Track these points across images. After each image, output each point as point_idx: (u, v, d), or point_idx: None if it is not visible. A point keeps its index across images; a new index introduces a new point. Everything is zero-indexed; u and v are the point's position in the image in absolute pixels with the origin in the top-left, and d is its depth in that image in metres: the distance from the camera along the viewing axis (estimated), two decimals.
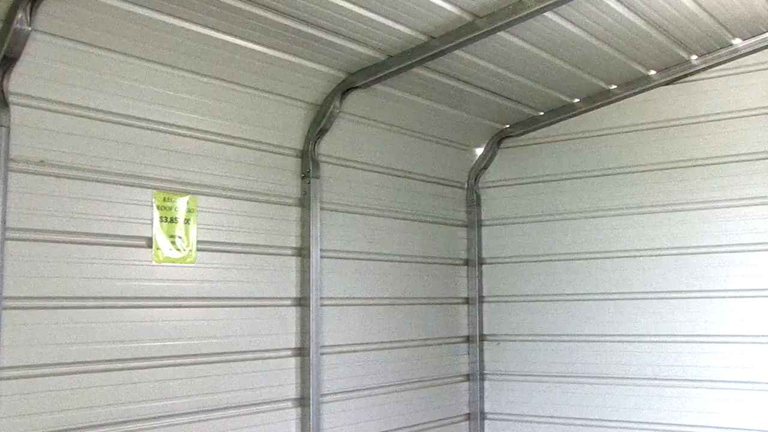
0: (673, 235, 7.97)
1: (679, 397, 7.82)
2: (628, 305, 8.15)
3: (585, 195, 8.46)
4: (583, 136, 8.54)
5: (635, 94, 8.23)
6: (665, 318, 7.96)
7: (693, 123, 7.93)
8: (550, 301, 8.59)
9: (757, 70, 7.67)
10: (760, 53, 7.64)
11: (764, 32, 7.54)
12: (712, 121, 7.84)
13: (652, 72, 8.03)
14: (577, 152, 8.55)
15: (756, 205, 7.58)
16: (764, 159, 7.56)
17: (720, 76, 7.84)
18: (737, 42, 7.65)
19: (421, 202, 8.36)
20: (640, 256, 8.12)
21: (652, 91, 8.16)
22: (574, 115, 8.56)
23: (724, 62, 7.80)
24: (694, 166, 7.89)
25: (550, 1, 6.08)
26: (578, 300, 8.43)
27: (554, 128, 8.70)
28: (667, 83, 8.08)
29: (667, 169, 8.03)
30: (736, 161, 7.69)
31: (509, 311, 8.84)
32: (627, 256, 8.18)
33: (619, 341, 8.18)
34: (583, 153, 8.52)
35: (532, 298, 8.71)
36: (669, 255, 7.96)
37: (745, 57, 7.71)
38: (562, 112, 8.58)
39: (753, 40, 7.61)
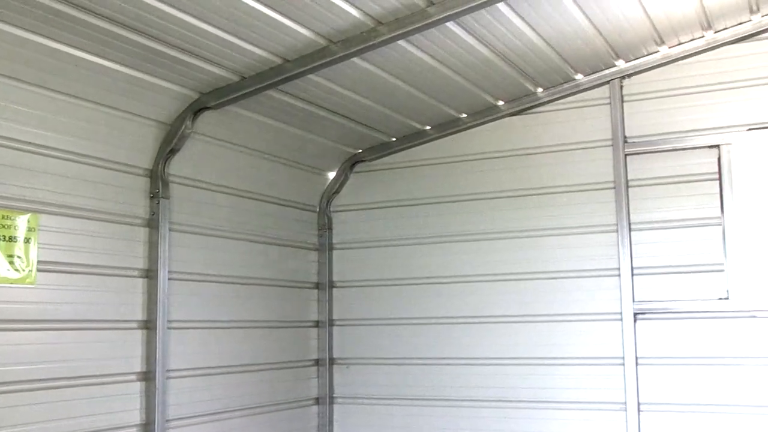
0: (514, 262, 8.24)
1: (525, 418, 8.06)
2: (474, 329, 8.36)
3: (434, 221, 8.64)
4: (433, 162, 8.73)
5: (484, 123, 8.50)
6: (509, 341, 8.21)
7: (537, 153, 8.26)
8: (399, 324, 8.70)
9: (597, 105, 8.07)
10: (599, 89, 8.05)
11: (603, 69, 7.95)
12: (555, 151, 8.19)
13: (501, 102, 8.31)
14: (427, 178, 8.73)
15: (594, 233, 7.95)
16: (603, 189, 7.95)
17: (563, 109, 8.21)
18: (579, 77, 8.04)
19: (272, 225, 8.31)
20: (485, 281, 8.35)
21: (500, 120, 8.44)
22: (426, 142, 8.75)
23: (567, 96, 8.17)
24: (537, 194, 8.21)
25: (403, 30, 6.20)
26: (426, 324, 8.58)
27: (406, 154, 8.85)
28: (515, 114, 8.39)
29: (512, 196, 8.31)
30: (578, 191, 8.05)
31: (359, 335, 8.89)
32: (473, 281, 8.40)
33: (465, 364, 8.37)
34: (433, 179, 8.70)
35: (381, 321, 8.79)
36: (512, 280, 8.23)
37: (587, 92, 8.10)
38: (413, 138, 8.75)
39: (593, 76, 8.02)
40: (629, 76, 7.96)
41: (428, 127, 8.66)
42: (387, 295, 8.80)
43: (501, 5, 6.30)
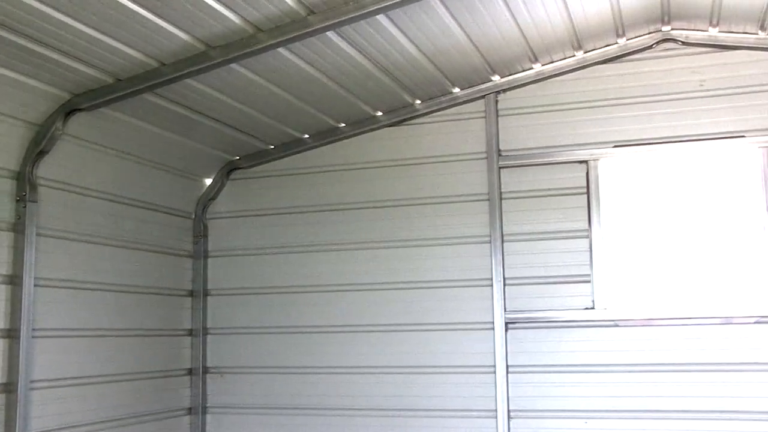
0: (389, 271, 8.32)
1: (399, 426, 8.13)
2: (349, 338, 8.39)
3: (311, 229, 8.64)
4: (311, 171, 8.73)
5: (363, 133, 8.56)
6: (384, 350, 8.28)
7: (414, 164, 8.38)
8: (275, 333, 8.65)
9: (473, 118, 8.25)
10: (476, 102, 8.24)
11: (480, 84, 8.14)
12: (431, 163, 8.33)
13: (379, 113, 8.39)
14: (305, 187, 8.72)
15: (468, 244, 8.12)
16: (478, 201, 8.12)
17: (440, 121, 8.36)
18: (456, 91, 8.20)
19: (146, 231, 8.12)
20: (361, 290, 8.40)
21: (378, 131, 8.52)
22: (304, 150, 8.74)
23: (444, 108, 8.33)
24: (413, 205, 8.33)
25: (283, 38, 6.19)
26: (302, 333, 8.56)
27: (284, 162, 8.82)
28: (393, 124, 8.48)
29: (389, 207, 8.40)
30: (453, 202, 8.21)
31: (234, 343, 8.78)
32: (348, 290, 8.44)
33: (341, 373, 8.38)
34: (310, 188, 8.70)
35: (257, 330, 8.71)
36: (387, 290, 8.31)
37: (463, 105, 8.28)
38: (292, 146, 8.73)
39: (470, 90, 8.20)
40: (504, 91, 8.18)
41: (307, 136, 8.65)
42: (262, 303, 8.73)
43: (381, 17, 6.37)
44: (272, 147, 8.78)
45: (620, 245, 7.84)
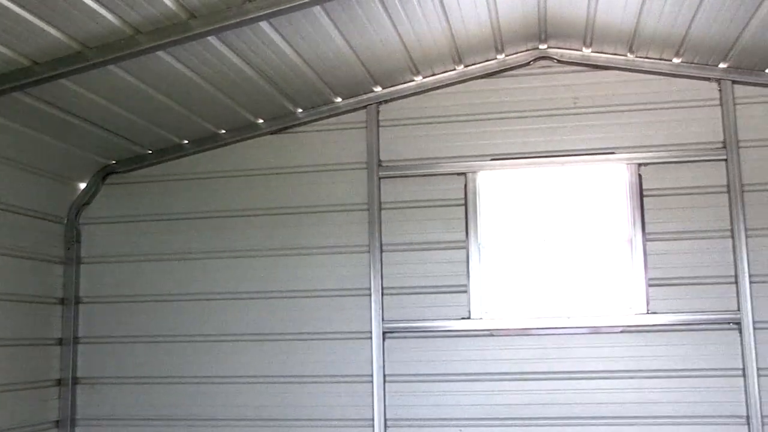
0: (268, 280, 8.26)
1: None
2: (226, 347, 8.27)
3: (188, 237, 8.47)
4: (189, 177, 8.57)
5: (243, 140, 8.47)
6: (262, 359, 8.19)
7: (295, 172, 8.35)
8: (149, 342, 8.43)
9: (354, 128, 8.30)
10: (357, 113, 8.29)
11: (362, 94, 8.19)
12: (311, 171, 8.32)
13: (261, 120, 8.33)
14: (182, 193, 8.56)
15: (347, 253, 8.14)
16: (357, 210, 8.16)
17: (322, 130, 8.36)
18: (338, 100, 8.22)
19: (14, 236, 7.79)
20: (239, 299, 8.31)
21: (259, 138, 8.46)
22: (183, 156, 8.58)
23: (326, 117, 8.34)
24: (293, 213, 8.30)
25: (163, 41, 6.08)
26: (177, 342, 8.38)
27: (162, 167, 8.64)
28: (274, 132, 8.44)
29: (269, 215, 8.34)
30: (333, 211, 8.21)
31: (106, 353, 8.52)
32: (226, 299, 8.33)
33: (217, 383, 8.25)
34: (188, 195, 8.54)
35: (130, 339, 8.48)
36: (265, 299, 8.24)
37: (345, 115, 8.31)
38: (170, 152, 8.56)
39: (352, 100, 8.25)
40: (386, 102, 8.26)
41: (186, 142, 8.51)
42: (137, 311, 8.51)
43: (264, 24, 6.34)
44: (150, 152, 8.59)
45: (497, 256, 8.01)
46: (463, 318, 7.90)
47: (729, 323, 7.54)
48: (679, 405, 7.54)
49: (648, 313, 7.65)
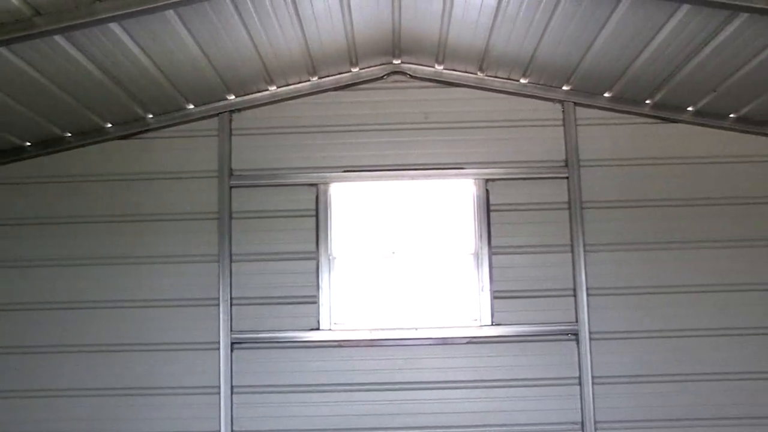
0: (110, 289, 8.01)
1: None
2: (64, 358, 7.93)
3: (29, 242, 8.09)
4: (33, 181, 8.19)
5: (90, 144, 8.20)
6: (103, 371, 7.92)
7: (143, 179, 8.15)
8: None
9: (206, 136, 8.18)
10: (209, 120, 8.19)
11: (215, 102, 8.09)
12: (161, 178, 8.14)
13: (109, 124, 8.08)
14: (20, 197, 8.16)
15: (196, 262, 8.00)
16: (207, 219, 8.03)
17: (173, 137, 8.20)
18: (191, 107, 8.09)
19: None
20: (77, 308, 8.00)
21: (107, 143, 8.20)
22: (24, 159, 8.20)
23: (177, 124, 8.19)
24: (139, 221, 8.09)
25: (4, 37, 5.82)
26: (14, 353, 7.97)
27: (3, 170, 8.22)
28: (123, 137, 8.20)
29: (113, 222, 8.10)
30: (181, 219, 8.06)
31: None
32: (64, 308, 8.00)
33: (57, 396, 7.89)
34: (27, 199, 8.15)
35: None
36: (106, 308, 7.99)
37: (197, 122, 8.18)
38: (12, 154, 8.17)
39: (204, 107, 8.14)
40: (239, 110, 8.19)
41: (29, 144, 8.14)
42: None
43: (114, 26, 6.14)
44: None
45: (347, 268, 8.07)
46: (312, 329, 7.91)
47: (567, 334, 7.87)
48: (520, 413, 7.81)
49: (493, 324, 7.89)
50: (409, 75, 8.21)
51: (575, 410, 7.78)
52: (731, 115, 8.00)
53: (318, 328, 7.90)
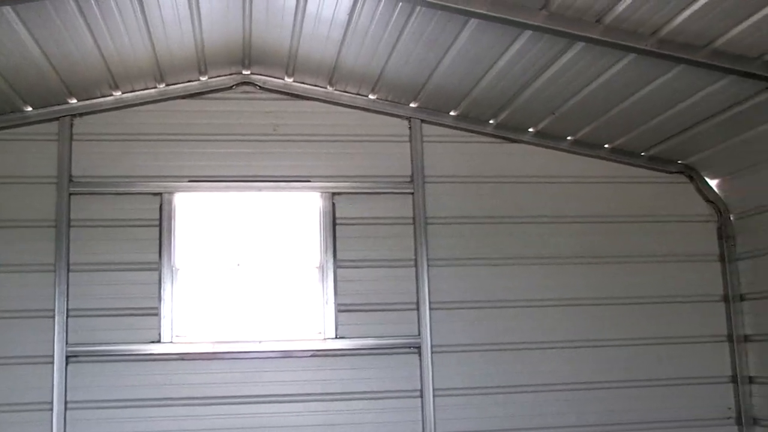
0: None
1: None
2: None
3: None
4: None
5: None
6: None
7: None
8: None
9: (44, 140, 7.86)
10: (49, 124, 7.87)
11: (55, 105, 7.79)
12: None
13: None
14: None
15: (30, 272, 7.65)
16: (44, 227, 7.70)
17: (8, 140, 7.84)
18: (29, 109, 7.75)
19: None
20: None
21: None
22: None
23: (14, 127, 7.83)
24: None
25: None
26: None
27: None
28: None
29: None
30: (16, 227, 7.70)
31: None
32: None
33: None
34: None
35: None
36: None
37: (35, 125, 7.85)
38: None
39: (44, 110, 7.82)
40: (81, 115, 7.93)
41: None
42: None
43: None
44: None
45: (190, 279, 7.93)
46: (152, 342, 7.71)
47: (410, 347, 8.01)
48: (361, 426, 7.87)
49: (337, 338, 7.93)
50: (259, 86, 8.18)
51: (416, 422, 7.91)
52: (568, 138, 8.41)
53: (159, 341, 7.71)
